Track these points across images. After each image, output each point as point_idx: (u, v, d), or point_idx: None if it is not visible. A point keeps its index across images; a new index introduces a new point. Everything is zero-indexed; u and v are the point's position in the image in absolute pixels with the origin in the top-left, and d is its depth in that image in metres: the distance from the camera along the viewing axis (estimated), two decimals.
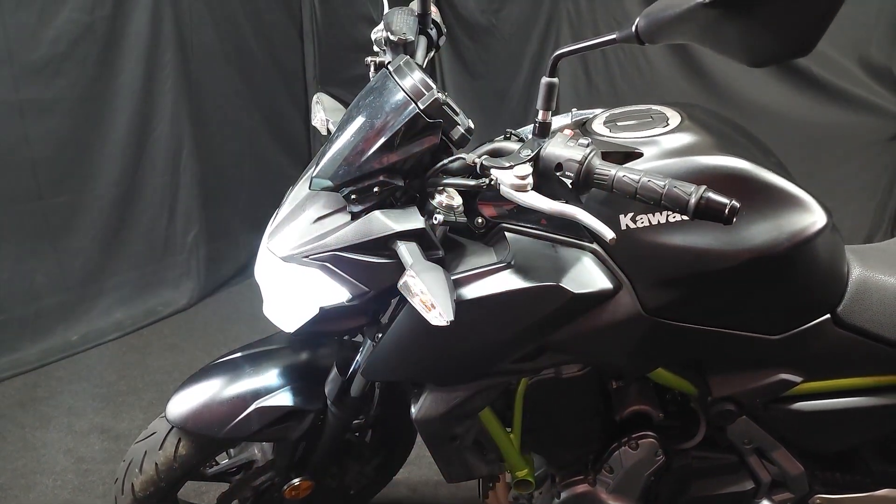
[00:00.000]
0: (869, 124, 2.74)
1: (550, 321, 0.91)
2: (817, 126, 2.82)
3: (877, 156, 2.81)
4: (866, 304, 0.97)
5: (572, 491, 1.16)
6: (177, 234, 2.88)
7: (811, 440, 1.07)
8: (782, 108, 2.78)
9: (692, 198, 0.71)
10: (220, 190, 3.02)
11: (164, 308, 2.81)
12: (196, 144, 2.85)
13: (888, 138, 2.75)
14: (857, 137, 2.80)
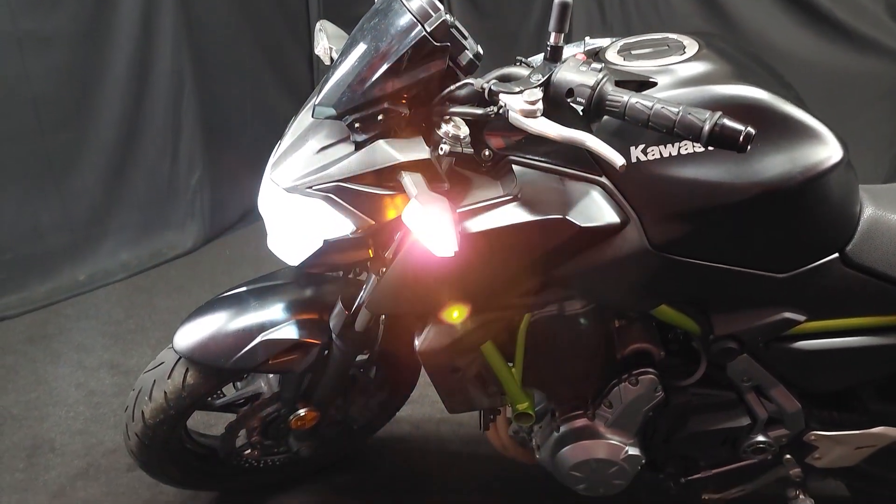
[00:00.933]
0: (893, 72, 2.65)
1: (556, 255, 0.90)
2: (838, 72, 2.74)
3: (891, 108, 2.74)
4: (876, 244, 0.96)
5: (571, 425, 1.19)
6: (180, 175, 2.86)
7: (811, 379, 1.08)
8: (803, 52, 2.69)
9: (706, 124, 0.69)
10: (222, 132, 2.98)
11: (169, 250, 2.82)
12: (197, 84, 2.79)
13: None
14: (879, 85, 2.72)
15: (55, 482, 1.60)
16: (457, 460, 1.71)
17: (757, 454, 1.16)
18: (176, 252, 2.83)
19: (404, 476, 1.66)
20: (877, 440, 1.11)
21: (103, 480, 1.60)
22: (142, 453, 1.27)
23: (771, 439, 1.14)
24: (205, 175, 2.90)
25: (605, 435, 1.17)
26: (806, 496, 1.20)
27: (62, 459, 1.67)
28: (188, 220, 2.92)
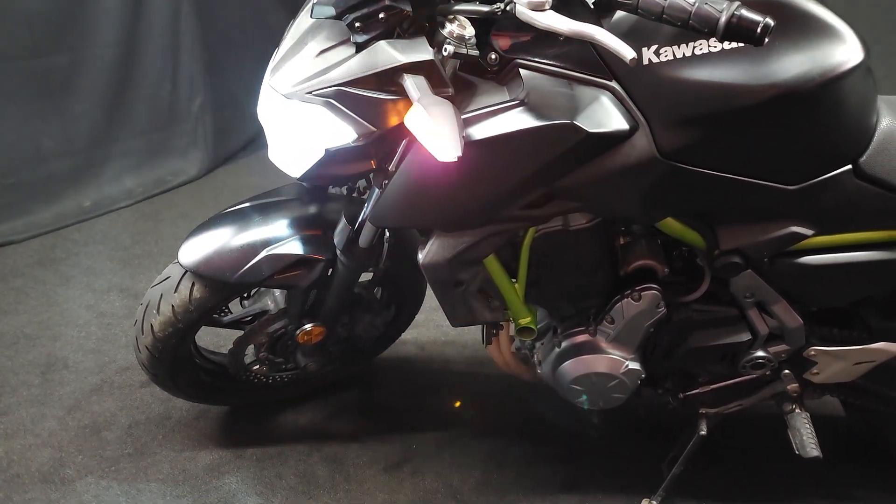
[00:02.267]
0: None
1: (563, 163, 0.88)
2: None
3: None
4: (891, 155, 0.93)
5: (573, 341, 1.20)
6: (181, 101, 2.81)
7: (814, 295, 1.08)
8: None
9: (723, 15, 0.66)
10: (223, 55, 2.90)
11: (173, 177, 2.81)
12: (195, 3, 2.69)
13: None
14: None
15: (70, 397, 1.65)
16: (460, 379, 1.76)
17: (756, 369, 1.18)
18: (180, 179, 2.81)
19: (409, 394, 1.71)
20: (876, 356, 1.12)
21: (117, 395, 1.65)
22: (153, 366, 1.31)
23: (771, 355, 1.15)
24: (207, 101, 2.85)
25: (607, 350, 1.19)
26: (802, 410, 1.23)
27: (76, 376, 1.72)
28: (191, 147, 2.89)
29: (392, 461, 1.50)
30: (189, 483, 1.43)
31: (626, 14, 0.81)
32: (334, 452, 1.52)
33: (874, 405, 1.25)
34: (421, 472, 1.47)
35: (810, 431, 1.19)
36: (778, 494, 1.40)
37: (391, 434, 1.57)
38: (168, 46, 2.68)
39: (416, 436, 1.57)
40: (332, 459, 1.50)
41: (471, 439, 1.56)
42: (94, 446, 1.51)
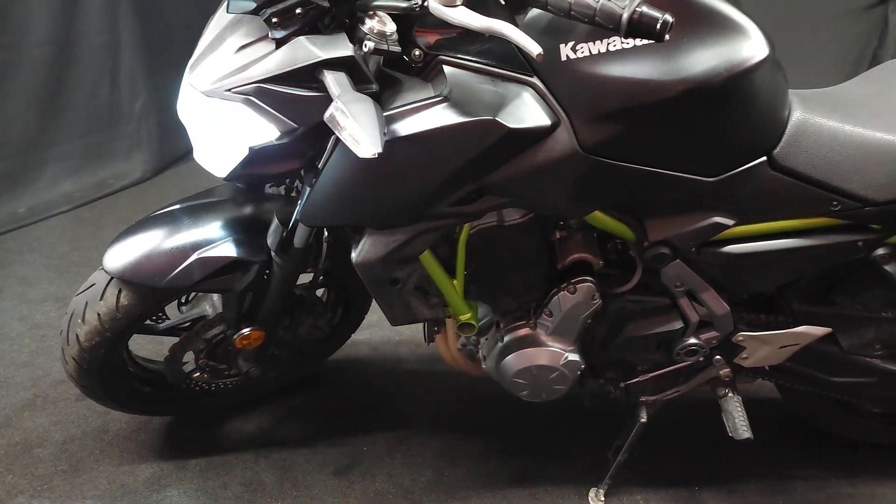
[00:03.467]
0: None
1: (487, 159, 0.89)
2: None
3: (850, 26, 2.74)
4: (802, 147, 0.96)
5: (515, 335, 1.21)
6: (122, 101, 2.72)
7: (740, 282, 1.12)
8: None
9: (625, 11, 0.67)
10: (167, 53, 2.81)
11: (115, 181, 2.72)
12: None
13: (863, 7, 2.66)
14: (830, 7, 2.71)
15: (0, 414, 1.58)
16: (415, 378, 1.76)
17: (689, 356, 1.21)
18: (123, 182, 2.72)
19: (361, 396, 1.70)
20: (799, 339, 1.17)
21: (51, 410, 1.59)
22: (82, 378, 1.26)
23: (702, 341, 1.19)
24: (150, 101, 2.76)
25: (547, 342, 1.20)
26: (734, 394, 1.26)
27: (7, 391, 1.65)
28: (134, 149, 2.80)
29: (342, 464, 1.48)
30: (128, 498, 1.38)
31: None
32: (282, 458, 1.49)
33: (803, 386, 1.30)
34: (371, 474, 1.46)
35: (742, 414, 1.23)
36: (719, 476, 1.45)
37: (342, 437, 1.55)
38: (106, 44, 2.59)
39: (368, 437, 1.55)
40: (279, 466, 1.48)
41: (423, 438, 1.56)
42: (26, 464, 1.45)
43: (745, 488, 1.43)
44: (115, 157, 2.75)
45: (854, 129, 0.97)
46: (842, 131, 0.97)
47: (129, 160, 2.78)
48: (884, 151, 0.96)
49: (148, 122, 2.78)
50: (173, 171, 2.88)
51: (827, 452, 1.49)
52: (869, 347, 1.19)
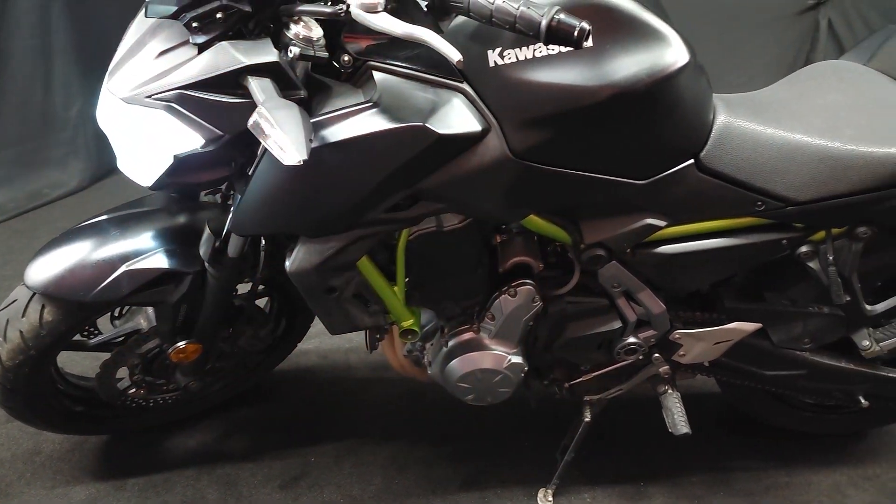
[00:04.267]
0: None
1: (418, 165, 0.88)
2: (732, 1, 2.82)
3: (785, 30, 2.86)
4: (727, 149, 0.99)
5: (458, 339, 1.21)
6: (56, 107, 2.60)
7: (674, 281, 1.15)
8: None
9: (544, 19, 0.68)
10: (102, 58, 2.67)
11: (51, 190, 2.61)
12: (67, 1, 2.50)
13: (796, 12, 2.78)
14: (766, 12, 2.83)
15: None
16: (365, 386, 1.74)
17: (629, 355, 1.24)
18: (59, 192, 2.61)
19: (309, 405, 1.67)
20: (731, 335, 1.21)
21: None
22: (7, 399, 1.20)
23: (641, 340, 1.21)
24: (86, 107, 2.65)
25: (490, 346, 1.20)
26: (674, 390, 1.30)
27: None
28: (70, 157, 2.68)
29: (289, 477, 1.45)
30: None
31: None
32: (227, 474, 1.45)
33: (739, 380, 1.35)
34: (319, 486, 1.44)
35: (681, 410, 1.26)
36: (664, 471, 1.48)
37: (289, 449, 1.52)
38: (38, 48, 2.48)
39: (315, 448, 1.53)
40: (224, 481, 1.43)
41: (373, 446, 1.54)
42: None
43: (688, 481, 1.46)
44: (49, 165, 2.63)
45: (775, 132, 1.01)
46: (763, 134, 1.01)
47: (65, 169, 2.67)
48: (803, 153, 1.00)
49: (84, 129, 2.68)
50: (112, 180, 2.77)
51: (765, 443, 1.55)
52: (798, 341, 1.24)
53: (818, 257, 1.09)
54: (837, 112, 1.04)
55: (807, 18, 2.76)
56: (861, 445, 1.54)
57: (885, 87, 1.07)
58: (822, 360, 1.26)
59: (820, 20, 2.71)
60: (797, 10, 2.77)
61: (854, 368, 1.27)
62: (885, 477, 1.46)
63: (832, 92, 1.08)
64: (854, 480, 1.46)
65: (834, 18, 2.68)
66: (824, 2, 2.68)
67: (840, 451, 1.52)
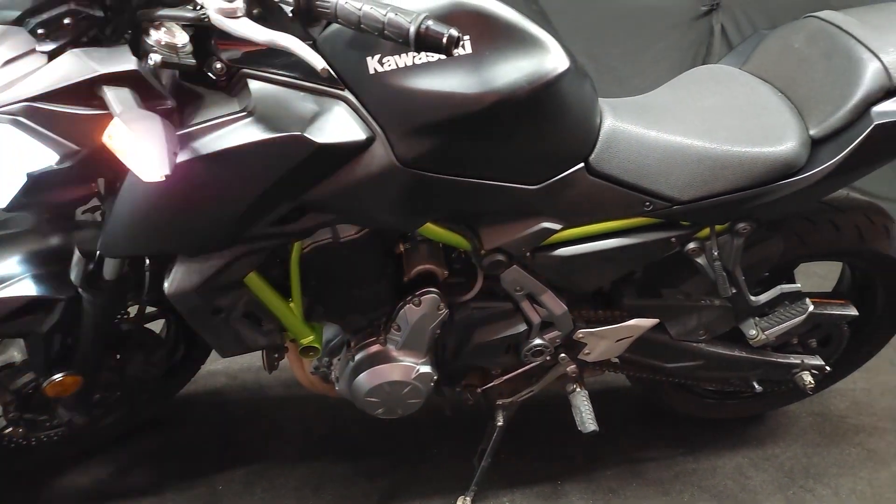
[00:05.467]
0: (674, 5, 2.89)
1: (300, 177, 0.85)
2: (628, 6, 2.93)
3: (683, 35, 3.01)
4: (614, 153, 1.02)
5: (366, 352, 1.18)
6: None
7: (573, 282, 1.16)
8: None
9: (412, 26, 0.66)
10: None
11: None
12: None
13: (692, 18, 2.93)
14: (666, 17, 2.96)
15: None
16: (278, 405, 1.67)
17: (536, 356, 1.25)
18: None
19: (218, 430, 1.58)
20: (632, 331, 1.24)
21: None
22: None
23: (546, 341, 1.22)
24: None
25: (397, 357, 1.18)
26: (582, 388, 1.32)
27: None
28: None
29: None
30: None
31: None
32: None
33: (644, 374, 1.39)
34: None
35: (588, 408, 1.28)
36: (579, 468, 1.51)
37: (194, 478, 1.44)
38: None
39: (224, 475, 1.45)
40: None
41: (286, 468, 1.48)
42: None
43: (602, 476, 1.50)
44: None
45: (658, 135, 1.04)
46: (647, 137, 1.04)
47: None
48: (684, 154, 1.04)
49: None
50: None
51: (673, 432, 1.61)
52: (693, 333, 1.29)
53: (704, 253, 1.14)
54: (714, 114, 1.09)
55: (702, 24, 2.91)
56: (761, 427, 1.64)
57: (756, 90, 1.13)
58: (716, 350, 1.32)
59: (714, 25, 2.87)
60: (693, 17, 2.91)
61: (746, 356, 1.34)
62: (783, 456, 1.55)
63: (710, 95, 1.14)
64: (755, 461, 1.54)
65: (726, 23, 2.84)
66: (716, 8, 2.83)
67: (741, 435, 1.61)
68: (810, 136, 1.05)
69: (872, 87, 1.00)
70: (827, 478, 1.49)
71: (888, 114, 0.99)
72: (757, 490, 1.47)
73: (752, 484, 1.48)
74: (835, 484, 1.47)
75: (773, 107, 1.08)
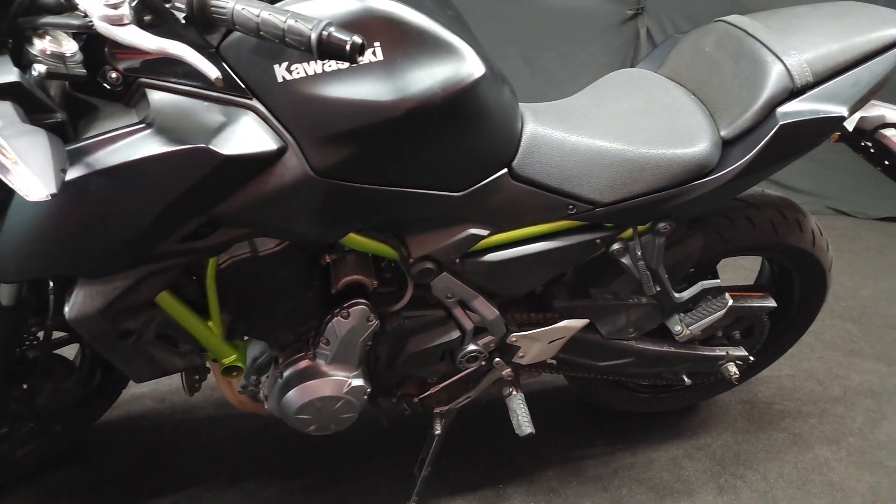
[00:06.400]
0: (604, 8, 2.97)
1: (207, 190, 0.80)
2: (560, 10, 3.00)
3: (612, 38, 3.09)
4: (536, 157, 1.02)
5: (295, 368, 1.14)
6: None
7: (503, 287, 1.16)
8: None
9: (313, 32, 0.64)
10: None
11: None
12: None
13: (619, 22, 3.02)
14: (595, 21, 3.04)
15: None
16: (210, 427, 1.60)
17: (471, 362, 1.24)
18: None
19: (147, 457, 1.50)
20: (563, 332, 1.25)
21: None
22: None
23: (480, 347, 1.22)
24: None
25: (328, 372, 1.15)
26: (518, 392, 1.32)
27: None
28: None
29: None
30: None
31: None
32: None
33: (580, 373, 1.41)
34: None
35: (525, 411, 1.29)
36: (520, 471, 1.51)
37: None
38: None
39: (152, 503, 1.37)
40: None
41: (218, 492, 1.42)
42: None
43: (543, 476, 1.51)
44: None
45: (579, 139, 1.05)
46: (568, 141, 1.05)
47: None
48: (603, 157, 1.05)
49: None
50: None
51: (611, 428, 1.64)
52: (623, 331, 1.32)
53: (628, 253, 1.16)
54: (632, 117, 1.11)
55: (629, 27, 3.00)
56: (694, 418, 1.69)
57: (671, 93, 1.16)
58: (646, 346, 1.35)
59: (640, 28, 2.96)
60: (620, 20, 3.00)
61: (674, 351, 1.38)
62: (715, 445, 1.61)
63: (627, 98, 1.16)
64: (689, 452, 1.59)
65: (651, 27, 2.94)
66: (641, 12, 2.93)
67: (676, 427, 1.65)
68: (721, 137, 1.08)
69: (777, 89, 1.04)
70: (756, 463, 1.55)
71: (791, 114, 1.04)
72: (691, 480, 1.51)
73: (687, 474, 1.52)
74: (763, 469, 1.53)
75: (687, 109, 1.12)
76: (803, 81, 1.04)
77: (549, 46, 3.05)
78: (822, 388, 1.78)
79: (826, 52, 1.06)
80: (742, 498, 1.46)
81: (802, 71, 1.04)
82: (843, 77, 1.06)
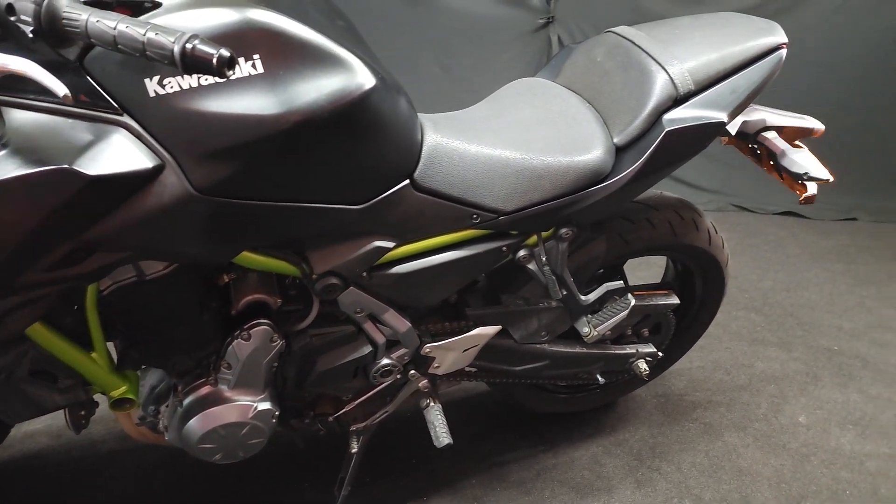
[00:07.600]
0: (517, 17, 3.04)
1: (74, 214, 0.74)
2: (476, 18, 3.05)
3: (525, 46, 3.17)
4: (438, 168, 1.02)
5: (195, 396, 1.08)
6: None
7: (413, 298, 1.15)
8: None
9: (176, 45, 0.60)
10: None
11: None
12: None
13: (531, 30, 3.10)
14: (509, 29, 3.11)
15: None
16: (113, 460, 1.50)
17: (386, 377, 1.22)
18: None
19: (42, 497, 1.38)
20: (477, 340, 1.26)
21: None
22: None
23: (394, 360, 1.20)
24: None
25: (231, 397, 1.09)
26: (436, 403, 1.31)
27: None
28: None
29: None
30: None
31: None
32: None
33: (497, 378, 1.42)
34: None
35: (442, 422, 1.28)
36: (444, 480, 1.50)
37: None
38: None
39: None
40: None
41: None
42: None
43: (467, 484, 1.50)
44: None
45: (479, 149, 1.06)
46: (468, 151, 1.05)
47: None
48: (504, 166, 1.07)
49: None
50: None
51: (532, 430, 1.66)
52: (535, 336, 1.33)
53: (534, 259, 1.18)
54: (530, 126, 1.13)
55: (541, 35, 3.09)
56: (612, 415, 1.74)
57: (567, 101, 1.19)
58: (559, 349, 1.38)
59: (551, 36, 3.05)
60: (532, 29, 3.08)
61: (586, 352, 1.41)
62: (632, 440, 1.66)
63: (526, 107, 1.18)
64: (608, 448, 1.63)
65: (562, 35, 3.04)
66: (552, 21, 3.02)
67: (595, 424, 1.70)
68: (615, 144, 1.12)
69: (662, 97, 1.09)
70: (670, 455, 1.61)
71: (676, 121, 1.09)
72: (611, 476, 1.55)
73: (606, 471, 1.56)
74: (677, 460, 1.60)
75: (583, 117, 1.15)
76: (686, 89, 1.09)
77: (464, 53, 3.09)
78: (729, 378, 1.88)
79: (706, 61, 1.12)
80: (658, 490, 1.51)
81: (684, 79, 1.09)
82: (723, 84, 1.12)
